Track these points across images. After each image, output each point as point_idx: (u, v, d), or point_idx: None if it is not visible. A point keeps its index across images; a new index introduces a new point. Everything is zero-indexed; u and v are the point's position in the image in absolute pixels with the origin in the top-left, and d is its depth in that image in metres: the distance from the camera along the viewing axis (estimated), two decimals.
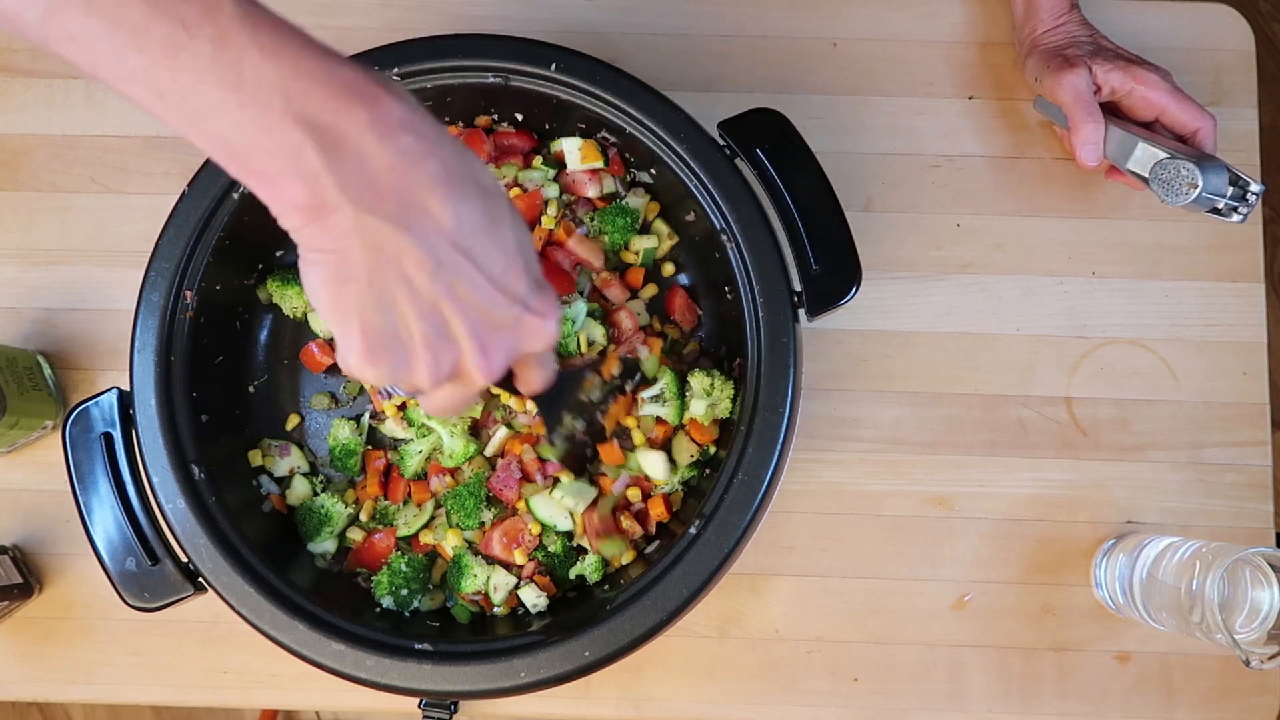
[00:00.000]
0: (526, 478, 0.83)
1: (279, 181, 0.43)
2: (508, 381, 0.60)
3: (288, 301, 0.88)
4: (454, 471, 0.84)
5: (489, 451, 0.83)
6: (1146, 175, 0.82)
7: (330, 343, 0.89)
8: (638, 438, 0.82)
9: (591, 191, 0.86)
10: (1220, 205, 0.80)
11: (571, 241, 0.85)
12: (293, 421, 0.89)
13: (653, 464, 0.81)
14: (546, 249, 0.86)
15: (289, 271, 0.88)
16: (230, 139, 0.43)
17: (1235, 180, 0.80)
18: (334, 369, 0.89)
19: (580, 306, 0.83)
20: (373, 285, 0.46)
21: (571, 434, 0.77)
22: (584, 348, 0.83)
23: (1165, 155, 0.80)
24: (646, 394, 0.82)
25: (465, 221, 0.46)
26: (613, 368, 0.80)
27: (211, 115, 0.42)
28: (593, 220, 0.86)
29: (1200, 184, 0.78)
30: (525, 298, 0.50)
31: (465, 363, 0.49)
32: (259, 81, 0.42)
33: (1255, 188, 0.80)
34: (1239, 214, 0.81)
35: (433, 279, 0.46)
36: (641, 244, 0.87)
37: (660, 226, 0.88)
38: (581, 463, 0.80)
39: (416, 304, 0.46)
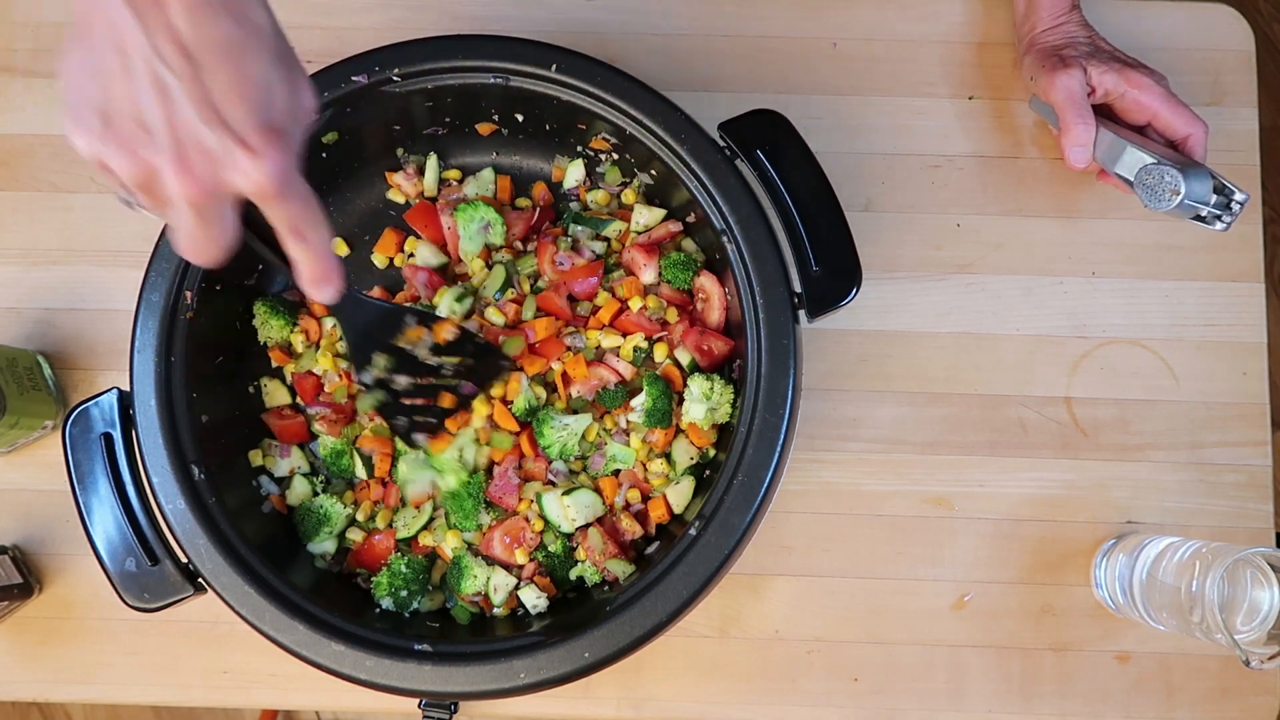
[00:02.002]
0: (529, 478, 0.83)
1: None
2: (283, 256, 0.56)
3: (265, 329, 0.86)
4: None
5: (480, 463, 0.83)
6: (1133, 179, 0.82)
7: (293, 390, 0.88)
8: (675, 464, 0.82)
9: (647, 277, 0.85)
10: (1204, 213, 0.81)
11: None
12: None
13: (678, 494, 0.82)
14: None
15: (278, 301, 0.87)
16: None
17: (1220, 189, 0.80)
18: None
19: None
20: (99, 58, 0.47)
21: (387, 382, 0.74)
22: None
23: (1151, 160, 0.80)
24: (634, 403, 0.82)
25: (201, 31, 0.46)
26: (445, 332, 0.76)
27: None
28: (663, 269, 0.85)
29: (1183, 191, 0.78)
30: (241, 127, 0.48)
31: (161, 169, 0.49)
32: None
33: (1240, 197, 0.80)
34: (1222, 222, 0.81)
35: (146, 68, 0.46)
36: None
37: (689, 245, 0.87)
38: (406, 430, 0.78)
39: (128, 86, 0.47)
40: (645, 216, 0.86)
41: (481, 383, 0.80)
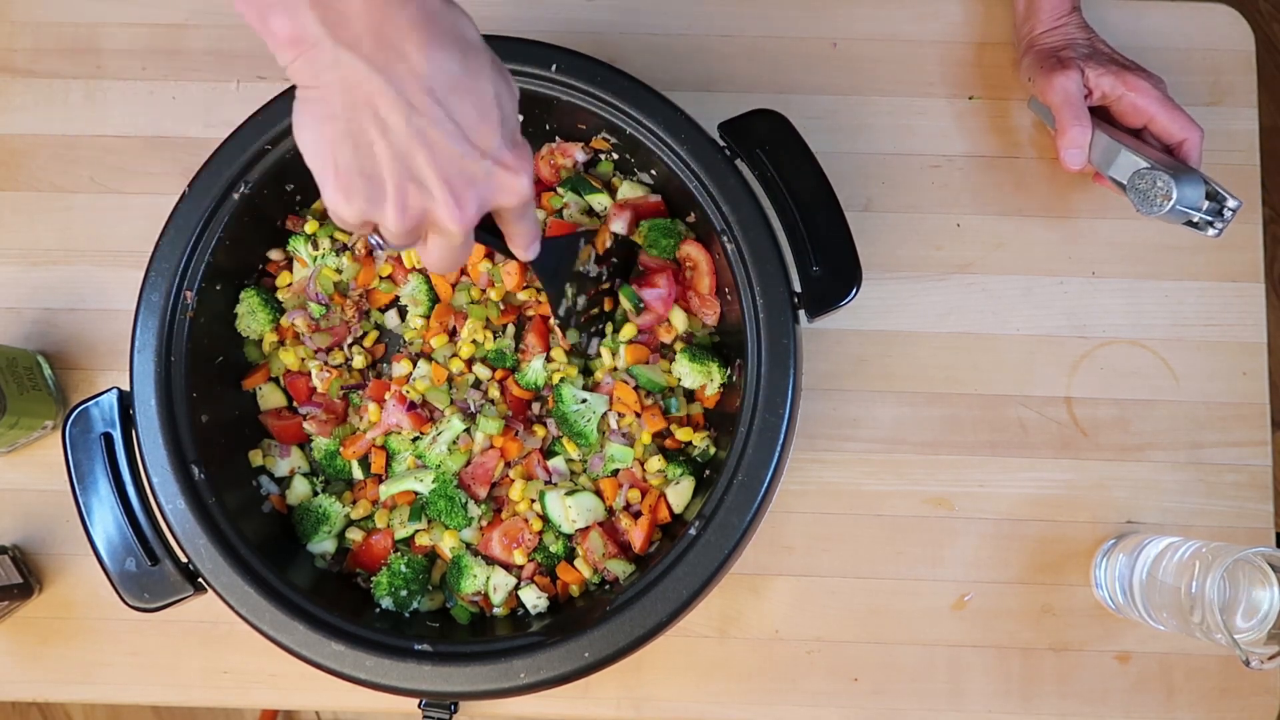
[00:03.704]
0: (528, 476, 0.83)
1: (269, 14, 0.46)
2: (502, 244, 0.62)
3: (250, 319, 0.85)
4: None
5: (475, 448, 0.83)
6: (1126, 184, 0.82)
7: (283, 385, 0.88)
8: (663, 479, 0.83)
9: (616, 226, 0.85)
10: (1195, 219, 0.81)
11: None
12: None
13: (678, 494, 0.81)
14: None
15: (271, 296, 0.86)
16: None
17: (1213, 195, 0.80)
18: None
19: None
20: (349, 123, 0.48)
21: (574, 308, 0.79)
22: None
23: (1145, 165, 0.80)
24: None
25: (441, 70, 0.47)
26: (605, 241, 0.81)
27: None
28: (643, 234, 0.85)
29: (1174, 196, 0.78)
30: (497, 150, 0.51)
31: (436, 210, 0.51)
32: None
33: (1232, 204, 0.80)
34: (1214, 229, 0.81)
35: (406, 122, 0.48)
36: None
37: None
38: (587, 345, 0.84)
39: (389, 145, 0.48)
40: (629, 193, 0.87)
41: (625, 274, 0.85)
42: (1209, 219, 0.81)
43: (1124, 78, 0.85)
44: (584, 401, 0.81)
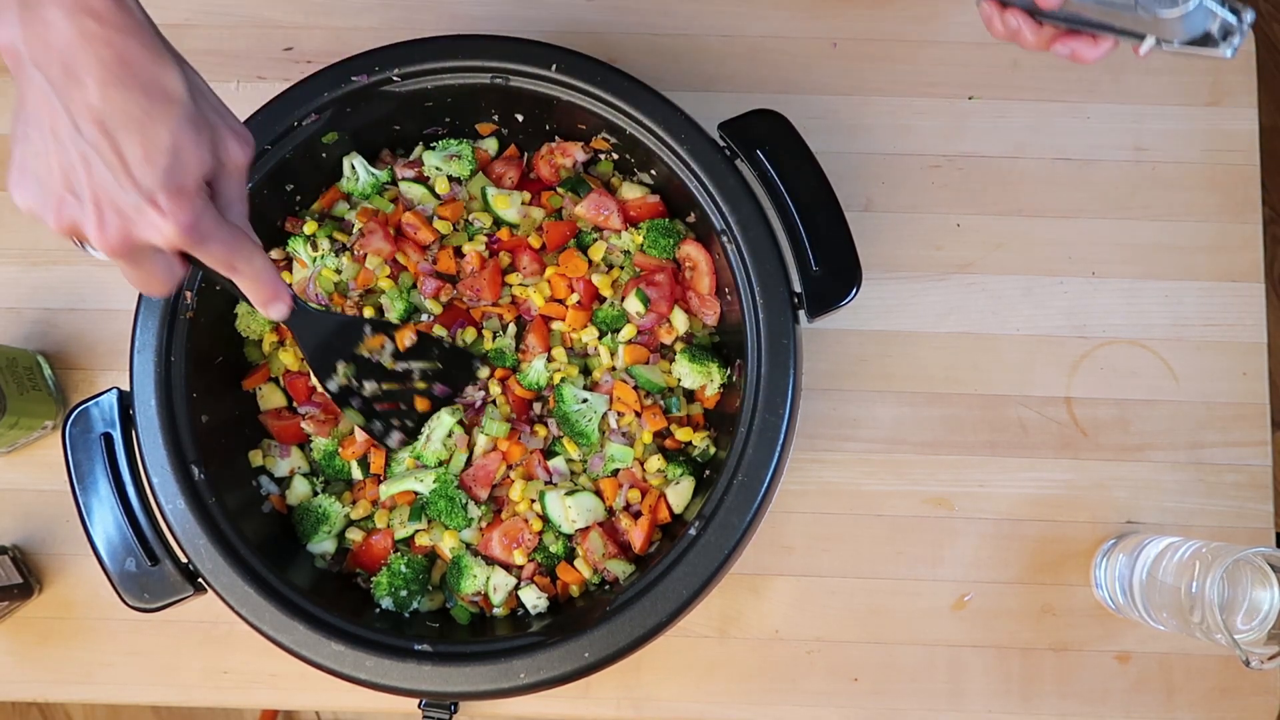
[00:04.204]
0: (529, 476, 0.83)
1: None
2: (235, 286, 0.64)
3: (250, 318, 0.85)
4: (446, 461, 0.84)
5: (478, 450, 0.83)
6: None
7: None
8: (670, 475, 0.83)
9: (613, 222, 0.86)
10: (1216, 26, 0.70)
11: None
12: None
13: (678, 494, 0.81)
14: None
15: None
16: None
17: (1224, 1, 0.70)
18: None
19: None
20: (31, 126, 0.55)
21: (353, 389, 0.76)
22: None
23: None
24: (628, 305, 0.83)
25: (116, 107, 0.53)
26: (405, 338, 0.77)
27: None
28: (639, 234, 0.85)
29: None
30: (151, 190, 0.55)
31: (85, 225, 0.56)
32: None
33: (1249, 16, 0.70)
34: (1231, 45, 0.70)
35: (72, 143, 0.54)
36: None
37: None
38: (382, 434, 0.79)
39: (58, 156, 0.55)
40: (629, 193, 0.87)
41: (454, 384, 0.80)
42: (1231, 23, 0.69)
43: None
44: (585, 401, 0.81)
